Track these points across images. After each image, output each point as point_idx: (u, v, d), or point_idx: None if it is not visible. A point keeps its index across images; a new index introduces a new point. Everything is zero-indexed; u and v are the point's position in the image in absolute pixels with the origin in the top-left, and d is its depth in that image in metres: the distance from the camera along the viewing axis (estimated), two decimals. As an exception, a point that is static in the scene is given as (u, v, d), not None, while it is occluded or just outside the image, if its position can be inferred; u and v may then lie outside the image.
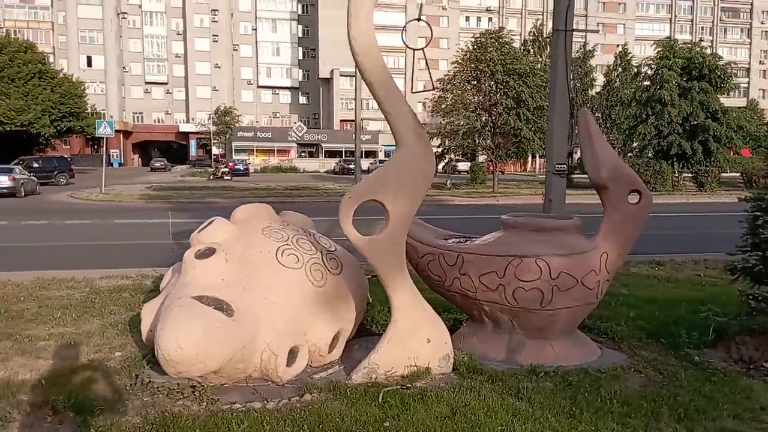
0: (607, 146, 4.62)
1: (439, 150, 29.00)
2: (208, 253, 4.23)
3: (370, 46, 3.97)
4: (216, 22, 77.77)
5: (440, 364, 4.36)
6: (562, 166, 8.24)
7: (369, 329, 5.36)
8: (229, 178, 38.89)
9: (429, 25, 4.21)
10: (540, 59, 42.69)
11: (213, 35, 77.80)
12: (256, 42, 79.18)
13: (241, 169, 44.70)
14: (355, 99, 25.10)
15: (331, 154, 63.89)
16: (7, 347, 4.76)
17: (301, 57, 79.99)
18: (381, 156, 65.51)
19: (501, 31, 28.47)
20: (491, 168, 43.99)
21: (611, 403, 3.80)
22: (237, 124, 64.53)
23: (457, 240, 5.12)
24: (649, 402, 3.83)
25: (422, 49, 4.29)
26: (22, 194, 24.57)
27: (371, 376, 4.19)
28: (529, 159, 61.67)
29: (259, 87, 79.74)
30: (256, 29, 79.16)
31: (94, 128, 49.86)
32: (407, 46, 4.50)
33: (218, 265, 4.16)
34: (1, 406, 3.68)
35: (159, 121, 78.53)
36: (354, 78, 72.19)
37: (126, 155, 75.58)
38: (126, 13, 77.43)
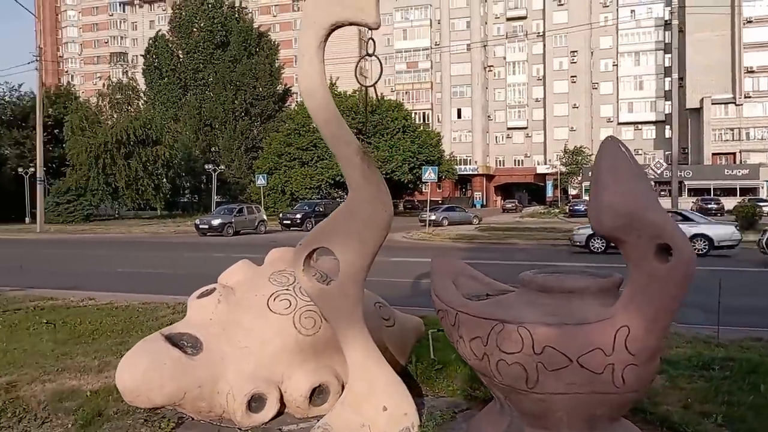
0: (628, 184, 3.41)
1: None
2: (207, 293, 4.59)
3: (315, 87, 3.87)
4: (575, 63, 78.13)
5: (399, 438, 3.82)
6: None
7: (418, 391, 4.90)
8: None
9: (380, 61, 3.85)
10: None
11: (571, 76, 78.29)
12: (617, 78, 76.61)
13: (581, 209, 43.38)
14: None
15: (695, 192, 56.99)
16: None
17: (667, 88, 74.15)
18: (763, 194, 55.76)
19: None
20: None
21: None
22: (588, 164, 63.02)
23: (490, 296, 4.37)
24: None
25: (373, 85, 3.97)
26: None
27: (323, 437, 3.92)
28: None
29: (619, 124, 76.62)
30: (617, 65, 76.70)
31: (450, 173, 55.25)
32: (359, 83, 4.15)
33: (209, 306, 4.47)
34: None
35: (518, 164, 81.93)
36: (726, 106, 63.81)
37: (489, 196, 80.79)
38: (492, 66, 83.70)
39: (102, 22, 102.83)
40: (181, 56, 64.66)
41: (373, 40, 3.80)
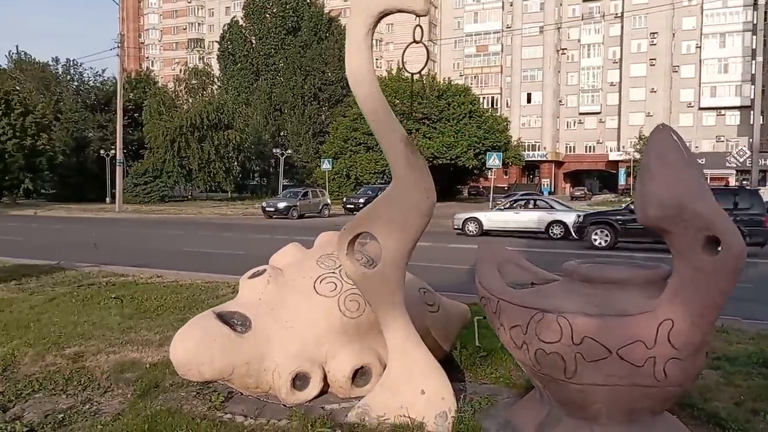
0: (677, 174, 3.28)
1: None
2: (258, 273, 4.74)
3: (363, 74, 3.91)
4: (654, 45, 74.80)
5: (436, 422, 3.85)
6: None
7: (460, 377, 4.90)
8: None
9: (427, 48, 3.82)
10: None
11: (650, 59, 75.03)
12: (700, 60, 72.84)
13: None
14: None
15: (781, 181, 53.77)
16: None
17: (753, 72, 70.03)
18: None
19: None
20: None
21: None
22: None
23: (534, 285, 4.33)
24: None
25: (419, 72, 3.95)
26: None
27: (363, 417, 4.00)
28: None
29: (700, 109, 73.02)
30: (700, 47, 72.90)
31: (517, 159, 54.28)
32: (406, 70, 4.12)
33: (259, 286, 4.62)
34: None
35: (590, 150, 79.50)
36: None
37: (557, 184, 78.88)
38: (565, 49, 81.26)
39: (181, 9, 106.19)
40: (253, 42, 66.18)
41: (420, 27, 3.78)
